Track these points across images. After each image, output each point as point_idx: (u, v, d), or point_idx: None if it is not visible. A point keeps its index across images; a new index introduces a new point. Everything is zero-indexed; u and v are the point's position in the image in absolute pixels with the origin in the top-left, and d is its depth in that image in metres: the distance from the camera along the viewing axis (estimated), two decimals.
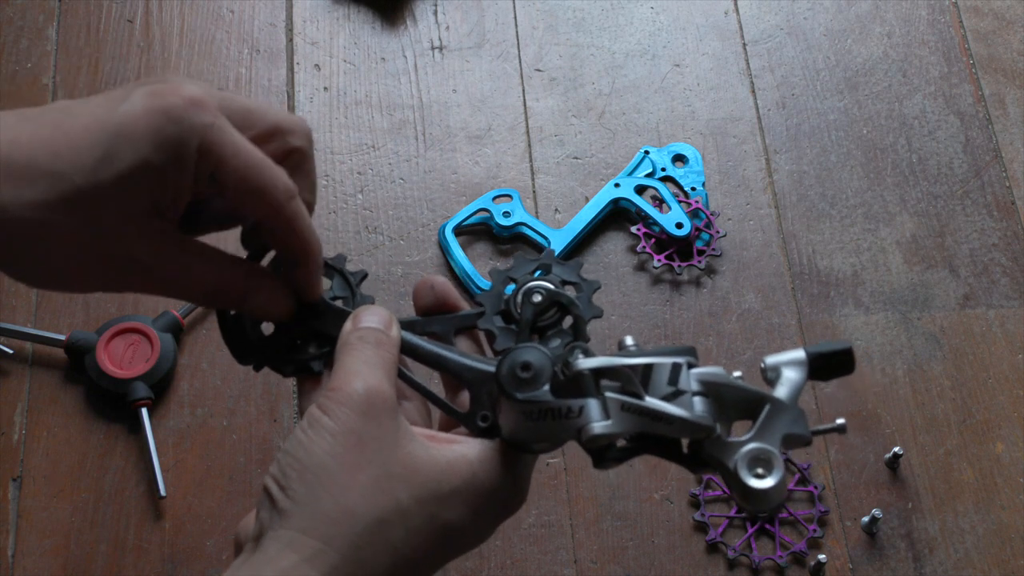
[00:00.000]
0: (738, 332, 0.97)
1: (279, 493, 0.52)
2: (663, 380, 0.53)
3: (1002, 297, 1.00)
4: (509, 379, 0.54)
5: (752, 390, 0.53)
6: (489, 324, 0.60)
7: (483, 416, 0.56)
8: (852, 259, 1.01)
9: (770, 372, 0.55)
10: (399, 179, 1.02)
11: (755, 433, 0.52)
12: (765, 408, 0.53)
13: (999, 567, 0.89)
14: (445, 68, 1.08)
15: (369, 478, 0.52)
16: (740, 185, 1.03)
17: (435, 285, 0.61)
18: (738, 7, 1.12)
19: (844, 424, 0.55)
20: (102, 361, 0.90)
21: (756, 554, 0.88)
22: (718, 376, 0.54)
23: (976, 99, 1.08)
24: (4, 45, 1.06)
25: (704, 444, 0.53)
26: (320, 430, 0.52)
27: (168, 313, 0.92)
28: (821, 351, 0.55)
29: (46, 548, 0.86)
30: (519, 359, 0.54)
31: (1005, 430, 0.94)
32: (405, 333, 0.58)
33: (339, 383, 0.54)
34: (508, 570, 0.87)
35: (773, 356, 0.55)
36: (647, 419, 0.52)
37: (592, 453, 0.54)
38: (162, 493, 0.87)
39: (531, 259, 0.61)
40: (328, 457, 0.52)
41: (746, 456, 0.52)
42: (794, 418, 0.53)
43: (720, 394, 0.53)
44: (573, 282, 0.60)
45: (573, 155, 1.04)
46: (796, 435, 0.53)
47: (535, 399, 0.53)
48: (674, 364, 0.53)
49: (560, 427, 0.53)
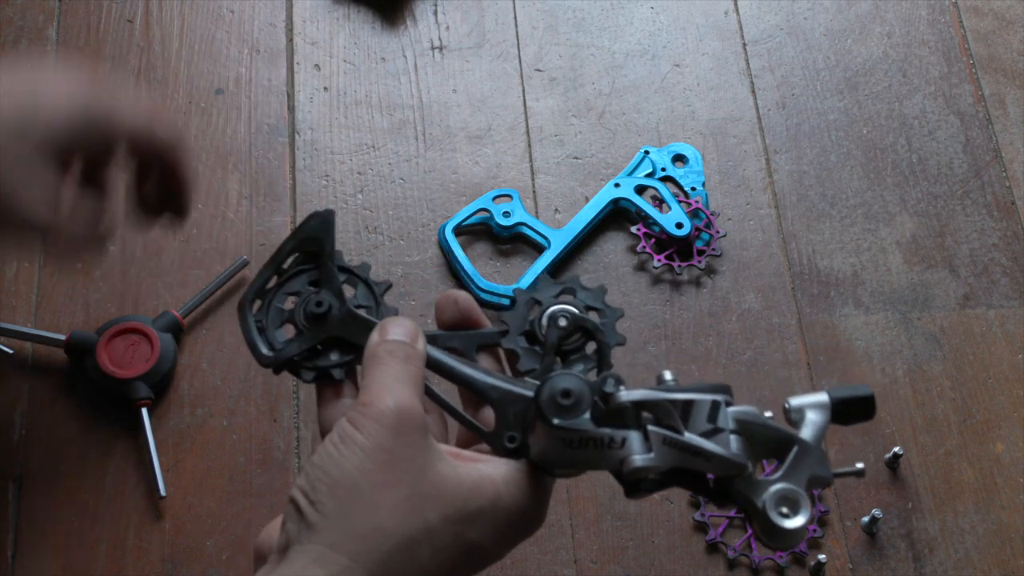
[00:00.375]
0: (738, 332, 0.97)
1: (308, 507, 0.52)
2: (702, 417, 0.54)
3: (1002, 297, 1.00)
4: (549, 405, 0.54)
5: (783, 431, 0.55)
6: (513, 344, 0.60)
7: (510, 437, 0.57)
8: (852, 259, 1.01)
9: (794, 414, 0.56)
10: (399, 179, 1.02)
11: (783, 473, 0.54)
12: (793, 449, 0.54)
13: (999, 567, 0.89)
14: (445, 68, 1.08)
15: (399, 496, 0.52)
16: (740, 185, 1.03)
17: (459, 300, 0.61)
18: (738, 7, 1.12)
19: (863, 468, 0.57)
20: (102, 361, 0.90)
21: (756, 554, 0.88)
22: (752, 415, 0.55)
23: (976, 99, 1.08)
24: (4, 45, 1.06)
25: (735, 481, 0.54)
26: (352, 445, 0.52)
27: (168, 313, 0.92)
28: (844, 396, 0.56)
29: (46, 548, 0.86)
30: (559, 386, 0.54)
31: (1005, 430, 0.94)
32: (430, 348, 0.59)
33: (371, 398, 0.54)
34: (508, 570, 0.87)
35: (797, 398, 0.56)
36: (687, 455, 0.53)
37: (626, 484, 0.55)
38: (162, 493, 0.87)
39: (556, 282, 0.61)
40: (359, 473, 0.52)
41: (775, 495, 0.53)
42: (818, 459, 0.54)
43: (752, 432, 0.54)
44: (597, 308, 0.61)
45: (573, 155, 1.04)
46: (820, 476, 0.54)
47: (576, 427, 0.53)
48: (713, 402, 0.54)
49: (599, 456, 0.54)
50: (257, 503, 0.88)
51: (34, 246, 0.77)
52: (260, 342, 0.60)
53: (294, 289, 0.62)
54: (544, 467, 0.56)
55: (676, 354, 0.96)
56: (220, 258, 0.97)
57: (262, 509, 0.89)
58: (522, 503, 0.55)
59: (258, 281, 0.62)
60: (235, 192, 1.00)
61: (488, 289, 0.96)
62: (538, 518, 0.57)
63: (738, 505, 0.55)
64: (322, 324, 0.60)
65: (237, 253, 0.97)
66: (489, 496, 0.54)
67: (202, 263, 0.97)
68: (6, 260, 0.96)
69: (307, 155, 1.03)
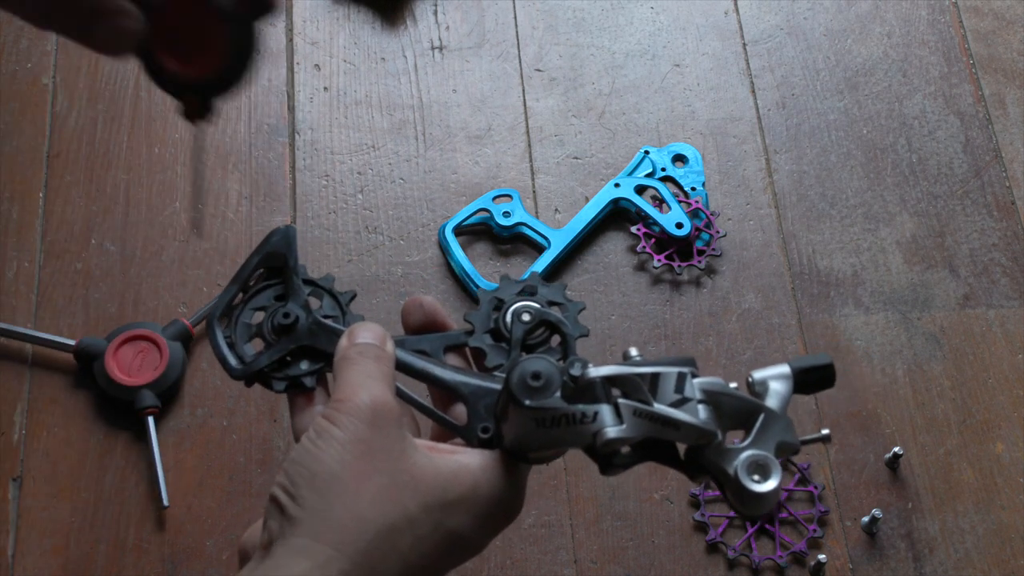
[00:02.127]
0: (738, 332, 0.97)
1: (288, 501, 0.52)
2: (670, 388, 0.55)
3: (1002, 297, 1.00)
4: (520, 388, 0.55)
5: (749, 399, 0.56)
6: (479, 342, 0.62)
7: (483, 428, 0.58)
8: (852, 259, 1.01)
9: (758, 386, 0.58)
10: (399, 179, 1.02)
11: (752, 440, 0.55)
12: (760, 417, 0.56)
13: (999, 567, 0.89)
14: (445, 68, 1.08)
15: (378, 486, 0.52)
16: (740, 185, 1.03)
17: (424, 304, 0.63)
18: (738, 7, 1.12)
19: (828, 435, 0.58)
20: (110, 368, 0.90)
21: (756, 554, 0.88)
22: (718, 385, 0.56)
23: (976, 99, 1.08)
24: (4, 45, 1.06)
25: (705, 451, 0.55)
26: (329, 439, 0.53)
27: (178, 322, 0.92)
28: (804, 365, 0.58)
29: (46, 548, 0.86)
30: (529, 368, 0.55)
31: (1005, 430, 0.94)
32: (399, 350, 0.60)
33: (345, 394, 0.55)
34: (508, 570, 0.87)
35: (760, 371, 0.58)
36: (657, 424, 0.55)
37: (600, 459, 0.56)
38: (165, 503, 0.87)
39: (517, 281, 0.64)
40: (338, 465, 0.52)
41: (745, 462, 0.54)
42: (785, 427, 0.56)
43: (719, 403, 0.56)
44: (559, 303, 0.63)
45: (573, 155, 1.04)
46: (787, 443, 0.56)
47: (548, 406, 0.55)
48: (679, 373, 0.56)
49: (573, 432, 0.55)
50: (257, 503, 0.88)
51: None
52: (230, 356, 0.62)
53: (260, 304, 0.63)
54: (518, 454, 0.57)
55: (676, 354, 0.95)
56: (220, 258, 0.97)
57: (262, 509, 0.88)
58: (499, 490, 0.56)
59: (225, 297, 0.63)
60: (235, 192, 1.00)
61: (488, 289, 0.96)
62: (515, 505, 0.58)
63: (710, 475, 0.56)
64: (290, 335, 0.61)
65: (237, 253, 0.97)
66: (467, 484, 0.55)
67: (202, 263, 0.97)
68: (6, 260, 0.96)
69: (307, 155, 1.03)
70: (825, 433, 0.58)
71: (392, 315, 0.95)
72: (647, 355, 0.60)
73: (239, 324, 0.62)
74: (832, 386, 0.59)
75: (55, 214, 0.98)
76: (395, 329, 0.62)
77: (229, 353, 0.62)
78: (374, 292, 0.96)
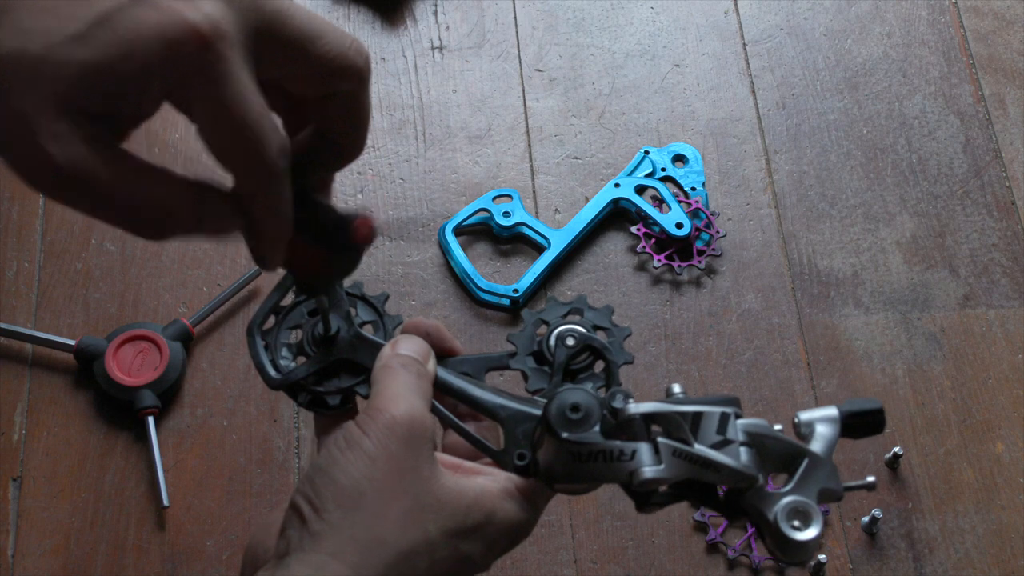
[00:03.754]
0: (738, 332, 0.97)
1: (312, 514, 0.51)
2: (712, 429, 0.54)
3: (1002, 297, 1.00)
4: (559, 420, 0.54)
5: (793, 443, 0.55)
6: (522, 364, 0.61)
7: (519, 455, 0.57)
8: (852, 259, 1.01)
9: (803, 428, 0.56)
10: (399, 179, 1.02)
11: (794, 486, 0.54)
12: (804, 462, 0.54)
13: (999, 567, 0.89)
14: (445, 68, 1.08)
15: (403, 508, 0.52)
16: (740, 185, 1.03)
17: (430, 331, 0.61)
18: (738, 7, 1.12)
19: (874, 482, 0.57)
20: (110, 368, 0.89)
21: (756, 554, 0.88)
22: (762, 428, 0.55)
23: (976, 99, 1.08)
24: None
25: (745, 494, 0.54)
26: (359, 452, 0.52)
27: (178, 322, 0.92)
28: (853, 410, 0.57)
29: (46, 548, 0.86)
30: (568, 400, 0.54)
31: (1005, 430, 0.94)
32: (439, 369, 0.59)
33: (382, 404, 0.53)
34: (508, 570, 0.87)
35: (806, 412, 0.56)
36: (697, 466, 0.53)
37: (636, 497, 0.55)
38: (165, 503, 0.87)
39: (564, 303, 0.62)
40: (365, 481, 0.51)
41: (786, 508, 0.53)
42: (829, 473, 0.54)
43: (762, 445, 0.55)
44: (604, 327, 0.62)
45: (573, 155, 1.04)
46: (831, 490, 0.54)
47: (586, 440, 0.54)
48: (723, 414, 0.54)
49: (610, 469, 0.54)
50: (257, 503, 0.88)
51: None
52: (268, 365, 0.61)
53: (295, 322, 0.62)
54: (550, 483, 0.56)
55: (676, 354, 0.96)
56: (220, 258, 0.97)
57: (262, 509, 0.89)
58: (515, 518, 0.56)
59: (266, 306, 0.62)
60: None
61: (488, 289, 0.96)
62: (527, 532, 0.58)
63: (749, 518, 0.55)
64: (330, 347, 0.60)
65: (238, 253, 0.97)
66: (486, 511, 0.54)
67: (202, 263, 0.97)
68: (6, 260, 0.96)
69: None
70: (871, 480, 0.57)
71: None
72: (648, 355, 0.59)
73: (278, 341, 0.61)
74: (881, 432, 0.57)
75: (55, 214, 0.98)
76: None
77: (268, 362, 0.60)
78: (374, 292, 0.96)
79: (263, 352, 0.61)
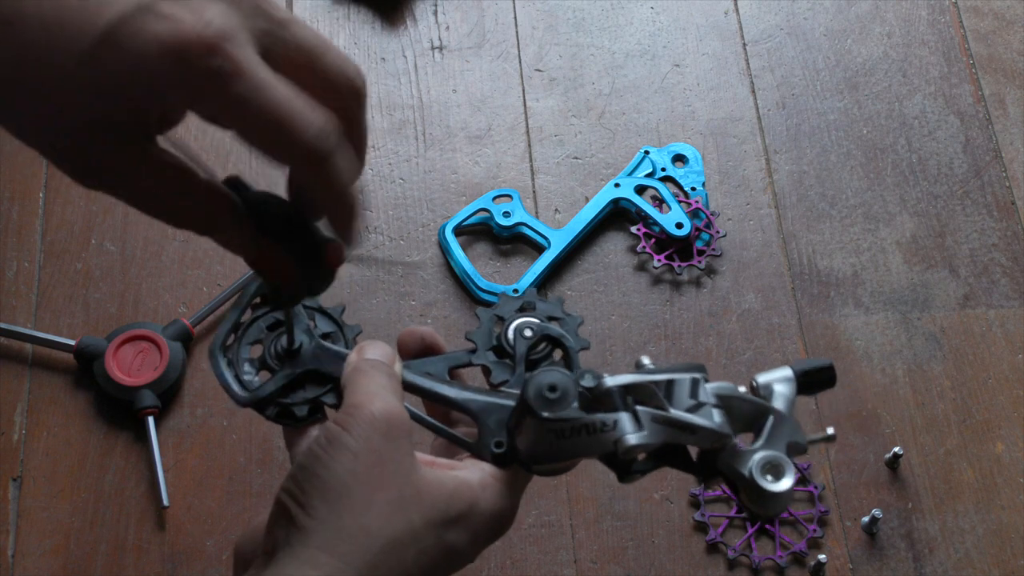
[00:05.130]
0: (738, 332, 0.97)
1: (298, 510, 0.52)
2: (684, 394, 0.57)
3: (1002, 297, 1.00)
4: (538, 400, 0.56)
5: (759, 402, 0.58)
6: (483, 359, 0.63)
7: (497, 443, 0.59)
8: (852, 259, 1.01)
9: (762, 389, 0.59)
10: (399, 179, 1.02)
11: (763, 442, 0.57)
12: (769, 419, 0.57)
13: (999, 567, 0.89)
14: (445, 68, 1.08)
15: (387, 499, 0.53)
16: (740, 185, 1.03)
17: (424, 336, 0.63)
18: (738, 7, 1.12)
19: (834, 434, 0.59)
20: (110, 368, 0.90)
21: (756, 554, 0.88)
22: (729, 389, 0.58)
23: (976, 99, 1.08)
24: None
25: (718, 454, 0.57)
26: (341, 447, 0.53)
27: (178, 322, 0.92)
28: (805, 368, 0.60)
29: (46, 548, 0.86)
30: (545, 381, 0.56)
31: (1005, 430, 0.94)
32: (405, 371, 0.60)
33: (359, 401, 0.55)
34: (508, 570, 0.87)
35: (763, 374, 0.59)
36: (675, 430, 0.56)
37: (619, 467, 0.57)
38: (165, 503, 0.87)
39: (515, 297, 0.65)
40: (349, 475, 0.52)
41: (760, 462, 0.56)
42: (793, 428, 0.57)
43: (730, 406, 0.57)
44: (557, 317, 0.64)
45: (573, 155, 1.04)
46: (796, 443, 0.57)
47: (567, 417, 0.55)
48: (693, 379, 0.57)
49: (593, 442, 0.56)
50: (257, 503, 0.88)
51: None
52: (234, 384, 0.61)
53: (254, 337, 0.63)
54: (532, 465, 0.58)
55: (676, 354, 0.96)
56: (220, 258, 0.97)
57: (262, 509, 0.88)
58: (496, 506, 0.57)
59: (226, 326, 0.62)
60: None
61: (488, 289, 0.96)
62: (509, 521, 0.59)
63: (723, 477, 0.57)
64: (295, 360, 0.61)
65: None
66: (467, 500, 0.55)
67: (202, 263, 0.97)
68: (6, 260, 0.96)
69: None
70: (830, 433, 0.59)
71: (392, 315, 0.95)
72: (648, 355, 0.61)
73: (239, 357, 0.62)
74: (833, 386, 0.60)
75: (55, 214, 0.98)
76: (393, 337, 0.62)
77: (233, 381, 0.61)
78: (374, 292, 0.96)
79: (227, 372, 0.61)
